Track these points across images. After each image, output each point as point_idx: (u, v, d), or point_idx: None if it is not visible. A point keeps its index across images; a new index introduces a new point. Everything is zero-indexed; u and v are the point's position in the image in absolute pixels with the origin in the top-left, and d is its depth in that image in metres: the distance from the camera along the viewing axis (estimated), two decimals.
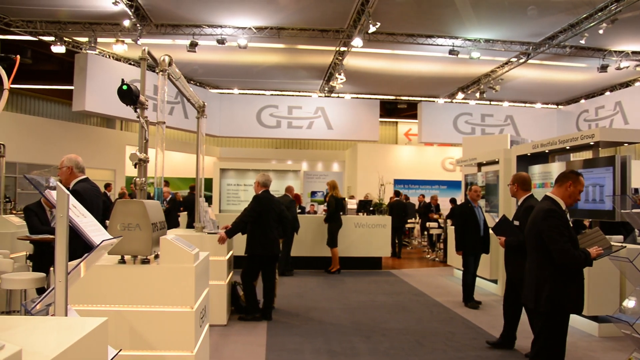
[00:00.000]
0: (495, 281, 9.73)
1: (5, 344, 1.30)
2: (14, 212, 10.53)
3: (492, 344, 6.18)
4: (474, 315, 7.79)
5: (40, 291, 5.98)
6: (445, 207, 17.50)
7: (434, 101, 24.31)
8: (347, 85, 21.29)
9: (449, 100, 24.25)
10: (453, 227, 10.13)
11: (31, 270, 6.59)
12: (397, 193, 16.18)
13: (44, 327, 1.84)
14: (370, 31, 13.93)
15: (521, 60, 17.96)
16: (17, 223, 7.52)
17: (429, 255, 15.37)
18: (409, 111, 26.38)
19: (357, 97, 24.30)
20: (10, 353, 1.29)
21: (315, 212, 14.18)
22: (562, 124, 24.39)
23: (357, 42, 14.91)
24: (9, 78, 1.70)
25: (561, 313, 4.13)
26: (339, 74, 18.80)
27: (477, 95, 21.65)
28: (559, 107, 25.19)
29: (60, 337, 1.68)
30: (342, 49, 17.28)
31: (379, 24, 13.52)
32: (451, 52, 16.22)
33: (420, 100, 24.21)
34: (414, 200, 19.53)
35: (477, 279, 9.48)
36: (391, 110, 27.29)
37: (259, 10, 14.43)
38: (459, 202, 13.62)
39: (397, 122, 28.61)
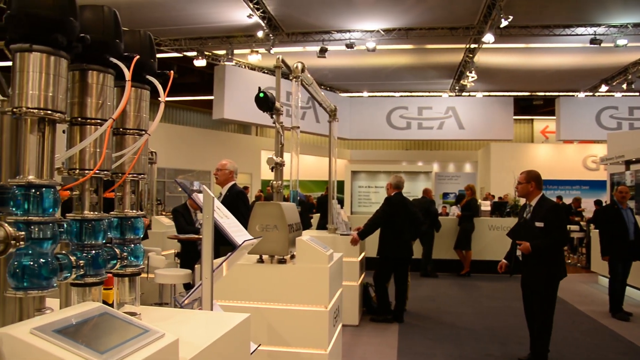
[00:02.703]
0: None
1: (165, 332, 1.43)
2: (164, 213, 11.42)
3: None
4: (624, 328, 7.12)
5: (187, 286, 6.46)
6: (588, 209, 16.35)
7: (573, 95, 22.75)
8: (479, 83, 20.60)
9: (591, 93, 22.54)
10: (597, 230, 9.40)
11: (179, 267, 7.12)
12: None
13: (194, 319, 1.99)
14: (502, 25, 13.36)
15: None
16: (166, 223, 8.17)
17: (569, 261, 14.44)
18: (546, 107, 24.92)
19: (490, 95, 23.44)
20: (169, 341, 1.42)
21: (447, 214, 13.89)
22: None
23: (488, 38, 14.38)
24: (164, 92, 1.87)
25: None
26: (470, 72, 18.27)
27: (624, 86, 19.78)
28: None
29: (209, 330, 1.81)
30: (473, 46, 16.77)
31: (511, 17, 12.93)
32: (593, 41, 15.00)
33: (558, 96, 22.77)
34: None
35: (628, 288, 8.71)
36: (526, 107, 25.95)
37: (386, 12, 14.44)
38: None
39: (532, 120, 27.20)
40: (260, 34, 15.38)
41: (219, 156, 8.09)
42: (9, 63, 1.45)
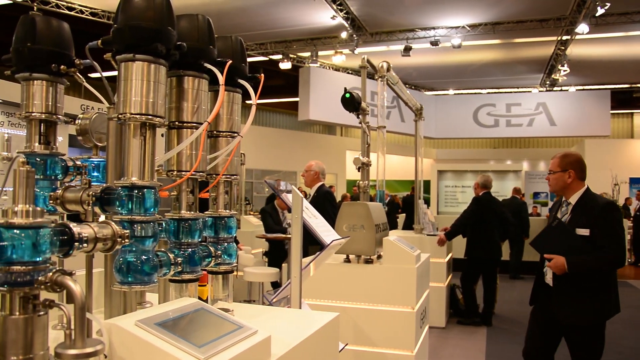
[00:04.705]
0: None
1: (258, 329, 1.48)
2: (251, 213, 11.74)
3: None
4: None
5: (274, 284, 6.61)
6: None
7: None
8: (571, 77, 19.58)
9: None
10: None
11: (267, 265, 7.30)
12: None
13: (284, 317, 2.03)
14: (597, 14, 12.61)
15: None
16: (254, 223, 8.41)
17: None
18: None
19: (584, 89, 22.24)
20: (262, 338, 1.46)
21: (538, 215, 13.37)
22: None
23: (582, 28, 13.61)
24: (255, 95, 1.94)
25: None
26: (562, 66, 17.42)
27: None
28: None
29: (299, 327, 1.85)
30: (565, 37, 15.97)
31: (608, 4, 12.16)
32: None
33: None
34: None
35: None
36: (624, 100, 24.35)
37: (472, 7, 14.07)
38: None
39: (632, 114, 25.57)
40: (344, 34, 15.45)
41: (305, 157, 8.22)
42: (115, 73, 1.55)
